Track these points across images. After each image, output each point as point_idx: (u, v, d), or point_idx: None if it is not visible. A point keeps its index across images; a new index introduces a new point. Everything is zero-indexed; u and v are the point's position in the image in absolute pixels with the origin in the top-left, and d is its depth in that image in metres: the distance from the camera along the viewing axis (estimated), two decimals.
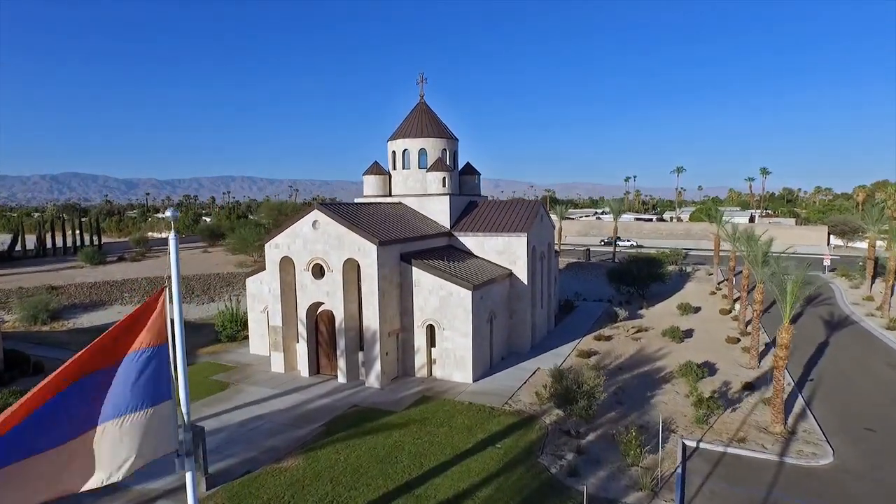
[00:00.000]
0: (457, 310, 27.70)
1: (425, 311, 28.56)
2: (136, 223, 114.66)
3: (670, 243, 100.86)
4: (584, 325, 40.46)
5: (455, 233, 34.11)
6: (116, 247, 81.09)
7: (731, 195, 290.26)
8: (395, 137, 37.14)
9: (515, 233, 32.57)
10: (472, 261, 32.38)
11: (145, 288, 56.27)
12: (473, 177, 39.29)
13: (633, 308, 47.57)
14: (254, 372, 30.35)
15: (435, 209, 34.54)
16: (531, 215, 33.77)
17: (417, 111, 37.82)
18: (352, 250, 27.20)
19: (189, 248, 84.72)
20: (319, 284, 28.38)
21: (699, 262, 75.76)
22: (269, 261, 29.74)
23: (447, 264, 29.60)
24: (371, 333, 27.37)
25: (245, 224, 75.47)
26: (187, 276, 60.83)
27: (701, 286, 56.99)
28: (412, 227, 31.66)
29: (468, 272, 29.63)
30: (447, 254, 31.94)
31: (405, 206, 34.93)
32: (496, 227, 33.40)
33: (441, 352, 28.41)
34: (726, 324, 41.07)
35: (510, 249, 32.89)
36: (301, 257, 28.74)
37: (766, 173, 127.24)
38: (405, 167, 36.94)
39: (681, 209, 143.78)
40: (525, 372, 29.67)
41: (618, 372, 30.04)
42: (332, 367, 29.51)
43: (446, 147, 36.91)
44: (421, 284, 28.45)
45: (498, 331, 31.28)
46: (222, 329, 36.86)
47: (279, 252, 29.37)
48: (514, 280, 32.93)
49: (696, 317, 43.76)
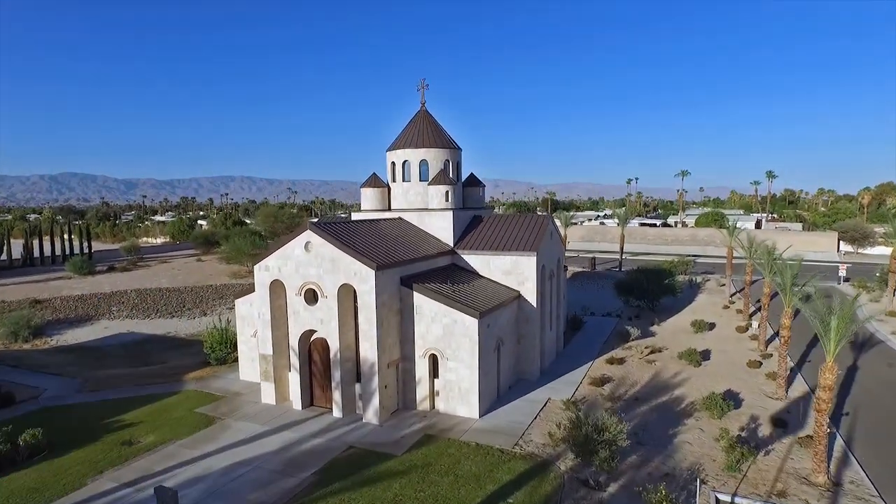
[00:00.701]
0: (461, 339, 25.50)
1: (427, 340, 26.36)
2: (131, 228, 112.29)
3: (676, 249, 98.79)
4: (595, 346, 38.27)
5: (459, 251, 31.91)
6: (108, 255, 78.93)
7: (732, 197, 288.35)
8: (395, 148, 34.95)
9: (524, 252, 30.37)
10: (478, 282, 30.18)
11: (134, 301, 54.10)
12: (478, 189, 37.08)
13: (644, 323, 45.39)
14: (243, 403, 28.14)
15: (437, 225, 32.34)
16: (540, 232, 31.56)
17: (418, 119, 35.61)
18: (347, 275, 24.99)
19: (182, 255, 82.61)
20: (312, 311, 26.18)
21: (708, 271, 73.69)
22: (259, 284, 27.54)
23: (451, 288, 27.40)
24: (369, 365, 25.17)
25: (240, 232, 73.19)
26: (179, 287, 58.70)
27: (713, 299, 54.83)
28: (413, 246, 29.46)
29: (473, 296, 27.43)
30: (451, 275, 29.75)
31: (405, 222, 32.72)
32: (503, 246, 31.19)
33: (444, 383, 26.22)
34: (744, 344, 38.87)
35: (518, 269, 30.69)
36: (293, 281, 26.55)
37: (773, 177, 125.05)
38: (405, 179, 34.73)
39: (685, 212, 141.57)
40: (535, 404, 27.47)
41: (635, 403, 27.85)
42: (327, 399, 27.31)
43: (449, 158, 34.71)
44: (423, 311, 26.25)
45: (505, 358, 29.09)
46: (211, 351, 34.69)
47: (269, 275, 27.17)
48: (522, 302, 30.74)
49: (711, 335, 41.57)
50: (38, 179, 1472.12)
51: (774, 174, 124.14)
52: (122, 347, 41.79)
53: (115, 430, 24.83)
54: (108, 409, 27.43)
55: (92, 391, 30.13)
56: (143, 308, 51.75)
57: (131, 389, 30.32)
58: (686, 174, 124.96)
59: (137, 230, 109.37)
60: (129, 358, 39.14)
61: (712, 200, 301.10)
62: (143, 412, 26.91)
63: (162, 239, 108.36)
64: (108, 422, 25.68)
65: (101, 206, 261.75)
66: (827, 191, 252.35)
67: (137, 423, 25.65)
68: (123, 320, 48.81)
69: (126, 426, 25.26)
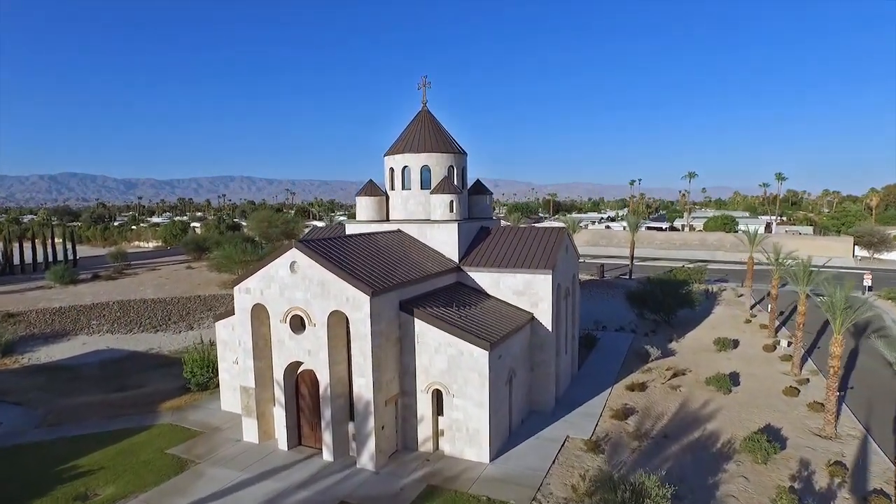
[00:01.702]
0: (469, 373, 22.26)
1: (430, 373, 23.11)
2: (123, 231, 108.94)
3: (684, 254, 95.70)
4: (612, 368, 35.03)
5: (464, 267, 28.67)
6: (94, 261, 75.50)
7: (735, 197, 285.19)
8: (394, 152, 31.71)
9: (538, 269, 27.12)
10: (486, 303, 26.94)
11: (116, 314, 50.80)
12: (484, 197, 33.85)
13: (662, 340, 42.19)
14: (222, 442, 24.89)
15: (440, 239, 29.10)
16: (556, 247, 28.32)
17: (419, 121, 32.38)
18: (339, 301, 21.74)
19: (173, 262, 79.25)
20: (299, 340, 22.93)
21: (721, 279, 70.38)
22: (239, 308, 24.28)
23: (457, 312, 24.15)
24: (363, 403, 21.93)
25: (232, 238, 69.87)
26: (164, 298, 55.41)
27: (732, 311, 51.58)
28: (414, 263, 26.20)
29: (482, 322, 24.18)
30: (456, 296, 26.51)
31: (405, 236, 29.47)
32: (515, 262, 27.95)
33: (450, 422, 22.97)
34: (774, 365, 35.61)
35: (532, 289, 27.45)
36: (277, 306, 23.30)
37: (782, 179, 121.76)
38: (405, 187, 31.50)
39: (690, 214, 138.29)
40: (552, 444, 24.22)
41: (664, 442, 24.63)
42: (317, 439, 24.07)
43: (453, 163, 31.48)
44: (425, 340, 23.01)
45: (517, 390, 25.85)
46: (191, 376, 31.47)
47: (250, 298, 23.91)
48: (535, 326, 27.51)
49: (736, 354, 38.33)
50: (37, 179, 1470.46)
51: (784, 176, 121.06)
52: (98, 367, 38.52)
53: (69, 479, 21.55)
54: (65, 449, 24.15)
55: (52, 426, 26.85)
56: (125, 322, 48.47)
57: (97, 423, 27.05)
58: (693, 176, 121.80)
59: (129, 234, 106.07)
60: (105, 380, 35.89)
61: (714, 202, 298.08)
62: (106, 454, 23.64)
63: (154, 243, 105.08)
64: (62, 468, 22.39)
65: (97, 208, 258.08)
66: (832, 192, 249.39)
67: (97, 469, 22.36)
68: (103, 335, 45.56)
69: (83, 474, 21.98)
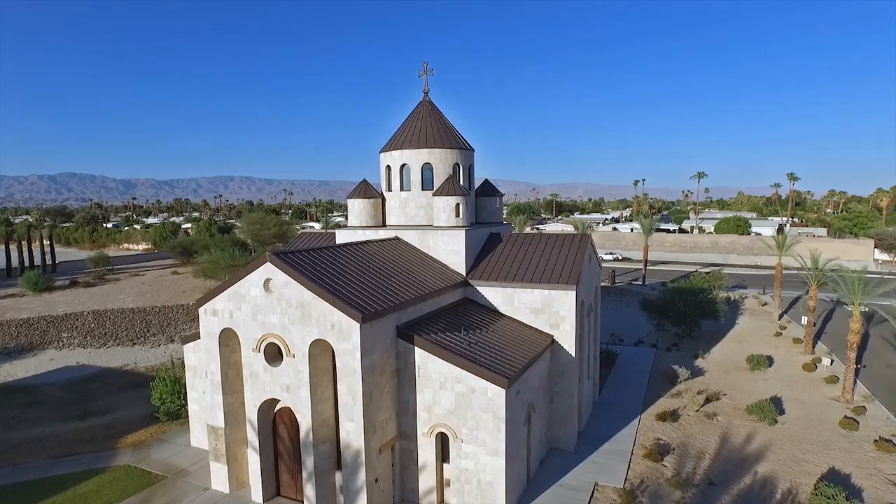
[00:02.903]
0: (482, 415, 18.32)
1: (434, 413, 19.16)
2: (111, 234, 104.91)
3: (695, 257, 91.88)
4: (636, 392, 31.10)
5: (473, 281, 24.70)
6: (75, 266, 71.36)
7: (740, 198, 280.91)
8: (391, 147, 27.78)
9: (560, 285, 23.16)
10: (499, 324, 22.98)
11: (90, 325, 46.80)
12: (494, 199, 29.92)
13: (686, 355, 38.32)
14: (186, 491, 20.92)
15: (445, 248, 25.14)
16: (579, 258, 24.36)
17: (420, 112, 28.44)
18: (322, 328, 17.79)
19: (159, 266, 75.22)
20: (275, 374, 18.99)
21: (738, 284, 66.48)
22: (206, 333, 20.32)
23: (466, 338, 20.19)
24: (352, 452, 17.98)
25: (221, 241, 65.87)
26: (145, 308, 51.39)
27: (758, 322, 47.65)
28: (414, 278, 22.24)
29: (495, 349, 20.23)
30: (464, 315, 22.58)
31: (403, 244, 25.52)
32: (532, 276, 23.98)
33: (458, 472, 19.01)
34: (819, 388, 31.61)
35: (552, 307, 23.49)
36: (249, 331, 19.34)
37: (795, 179, 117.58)
38: (404, 188, 27.57)
39: (698, 216, 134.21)
40: (579, 494, 20.27)
41: (711, 491, 20.69)
42: (298, 490, 20.13)
43: (459, 160, 27.56)
44: (428, 373, 19.06)
45: (536, 426, 21.90)
46: (160, 403, 27.56)
47: (218, 321, 19.96)
48: (556, 351, 23.56)
49: (772, 374, 34.39)
50: (36, 180, 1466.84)
51: (797, 176, 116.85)
52: (62, 388, 34.56)
53: None
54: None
55: None
56: (99, 334, 44.49)
57: (40, 466, 23.05)
58: (702, 176, 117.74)
59: (118, 236, 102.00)
60: (67, 404, 31.93)
61: (716, 202, 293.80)
62: None
63: (144, 245, 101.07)
64: None
65: (92, 208, 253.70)
66: (838, 192, 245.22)
67: None
68: (74, 349, 41.59)
69: None
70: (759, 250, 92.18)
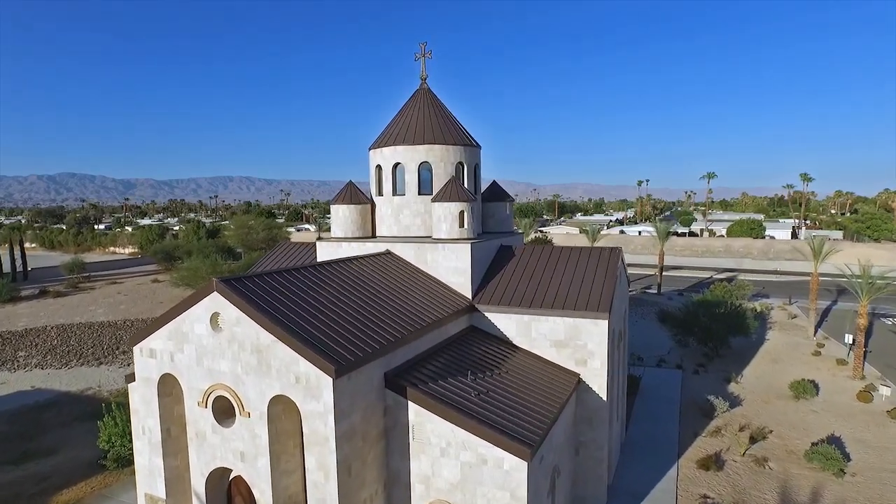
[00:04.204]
0: (495, 492, 13.94)
1: (433, 487, 14.78)
2: (97, 236, 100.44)
3: (708, 262, 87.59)
4: (668, 428, 26.79)
5: (481, 306, 20.32)
6: (51, 273, 66.84)
7: (744, 199, 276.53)
8: (382, 144, 23.41)
9: (589, 312, 18.79)
10: (513, 361, 18.61)
11: (53, 341, 42.40)
12: (503, 205, 25.57)
13: (716, 378, 34.13)
14: None
15: (446, 265, 20.76)
16: (610, 278, 19.99)
17: (417, 101, 24.07)
18: (284, 381, 13.41)
19: (141, 273, 70.54)
20: (227, 436, 14.61)
21: (759, 293, 61.97)
22: (142, 379, 15.97)
23: (473, 385, 15.82)
24: None
25: (206, 246, 61.44)
26: (116, 321, 46.95)
27: (791, 339, 43.25)
28: (407, 306, 17.84)
29: (512, 399, 15.85)
30: (469, 350, 18.21)
31: (395, 260, 21.14)
32: (554, 301, 19.61)
33: None
34: (886, 427, 27.10)
35: (577, 340, 19.12)
36: (193, 380, 14.97)
37: (809, 180, 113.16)
38: (397, 192, 23.20)
39: (706, 217, 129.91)
40: None
41: None
42: None
43: (463, 159, 23.19)
44: (425, 435, 14.68)
45: (560, 490, 17.52)
46: (108, 446, 23.24)
47: (157, 365, 15.59)
48: (582, 391, 19.21)
49: (821, 404, 30.04)
50: (35, 180, 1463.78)
51: (811, 177, 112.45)
52: (9, 419, 30.25)
53: None
54: None
55: None
56: (62, 352, 40.12)
57: None
58: (712, 176, 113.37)
59: (104, 239, 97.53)
60: (8, 441, 27.61)
61: (719, 202, 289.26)
62: None
63: (131, 249, 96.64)
64: None
65: (87, 209, 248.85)
66: (845, 193, 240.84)
67: None
68: (31, 370, 37.23)
69: None
70: (776, 254, 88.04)
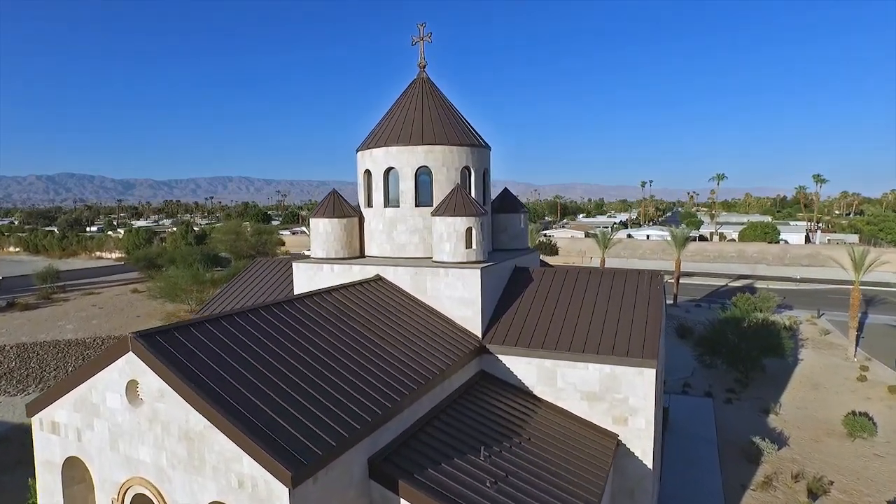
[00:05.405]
0: None
1: None
2: (82, 240, 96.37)
3: (720, 267, 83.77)
4: (709, 477, 22.85)
5: (493, 347, 16.31)
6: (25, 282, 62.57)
7: (748, 199, 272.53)
8: (372, 144, 19.42)
9: (631, 358, 14.80)
10: (535, 420, 14.62)
11: (11, 364, 38.31)
12: (517, 216, 21.59)
13: (751, 408, 30.41)
14: None
15: (450, 294, 16.75)
16: (654, 313, 15.99)
17: (414, 93, 20.09)
18: (223, 484, 9.41)
19: (122, 283, 66.29)
20: None
21: (781, 304, 57.78)
22: (42, 462, 11.96)
23: (487, 462, 11.83)
24: None
25: (189, 254, 57.38)
26: (85, 339, 42.79)
27: (828, 360, 39.19)
28: (400, 358, 13.82)
29: (537, 481, 11.85)
30: (480, 408, 14.21)
31: (387, 288, 17.12)
32: (585, 343, 15.60)
33: None
34: None
35: (616, 393, 15.14)
36: (105, 469, 10.97)
37: (822, 181, 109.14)
38: (390, 203, 19.20)
39: (714, 220, 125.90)
40: None
41: None
42: None
43: (470, 163, 19.21)
44: None
45: None
46: None
47: (60, 444, 11.60)
48: (622, 457, 15.23)
49: (884, 444, 26.09)
50: (34, 180, 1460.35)
51: (824, 178, 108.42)
52: None
53: None
54: None
55: None
56: (19, 376, 36.09)
57: None
58: (722, 178, 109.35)
59: (90, 243, 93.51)
60: None
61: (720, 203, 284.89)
62: None
63: (118, 254, 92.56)
64: None
65: (80, 209, 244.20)
66: (851, 193, 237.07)
67: None
68: None
69: None
70: (791, 260, 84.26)
